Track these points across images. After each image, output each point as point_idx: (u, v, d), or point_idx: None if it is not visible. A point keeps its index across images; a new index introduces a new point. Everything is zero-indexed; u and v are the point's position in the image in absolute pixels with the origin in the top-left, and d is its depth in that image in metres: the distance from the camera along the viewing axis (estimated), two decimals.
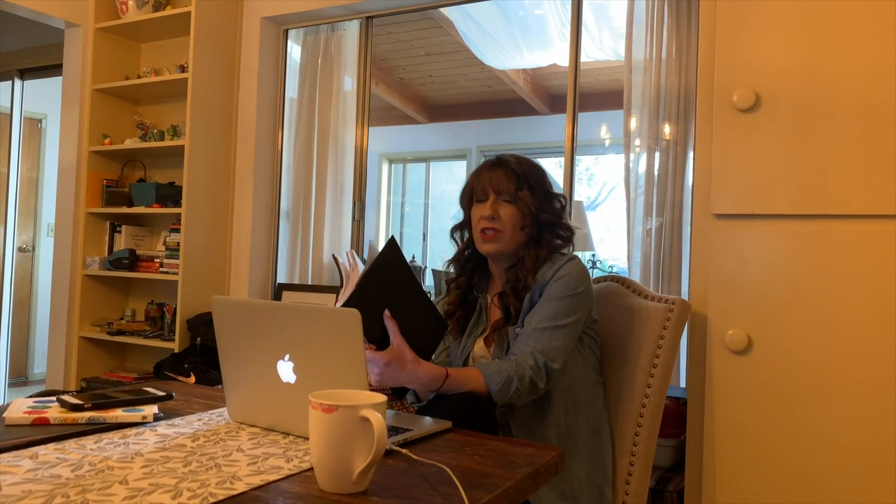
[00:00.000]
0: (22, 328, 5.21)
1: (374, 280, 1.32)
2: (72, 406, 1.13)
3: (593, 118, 4.45)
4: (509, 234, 1.55)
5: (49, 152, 5.29)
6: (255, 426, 1.14)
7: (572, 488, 1.46)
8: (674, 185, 2.51)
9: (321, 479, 0.85)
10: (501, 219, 1.54)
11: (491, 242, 1.55)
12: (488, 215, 1.54)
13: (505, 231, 1.54)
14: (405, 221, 6.63)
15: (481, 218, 1.55)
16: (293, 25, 3.36)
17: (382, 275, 1.33)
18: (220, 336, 1.17)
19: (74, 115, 3.38)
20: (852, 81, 1.65)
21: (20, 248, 5.14)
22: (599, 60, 3.88)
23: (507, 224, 1.54)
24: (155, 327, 3.34)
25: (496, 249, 1.55)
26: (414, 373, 1.31)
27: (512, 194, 1.55)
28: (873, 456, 1.60)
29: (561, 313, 1.46)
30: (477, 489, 0.87)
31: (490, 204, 1.55)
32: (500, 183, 1.56)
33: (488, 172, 1.58)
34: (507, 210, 1.55)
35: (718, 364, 1.78)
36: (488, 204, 1.55)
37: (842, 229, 1.66)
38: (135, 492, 0.81)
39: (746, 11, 1.77)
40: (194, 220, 3.14)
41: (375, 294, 1.30)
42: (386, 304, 1.31)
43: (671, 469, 2.20)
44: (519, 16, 4.25)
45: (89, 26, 3.36)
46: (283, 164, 3.39)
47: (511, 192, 1.55)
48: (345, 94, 3.30)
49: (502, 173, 1.57)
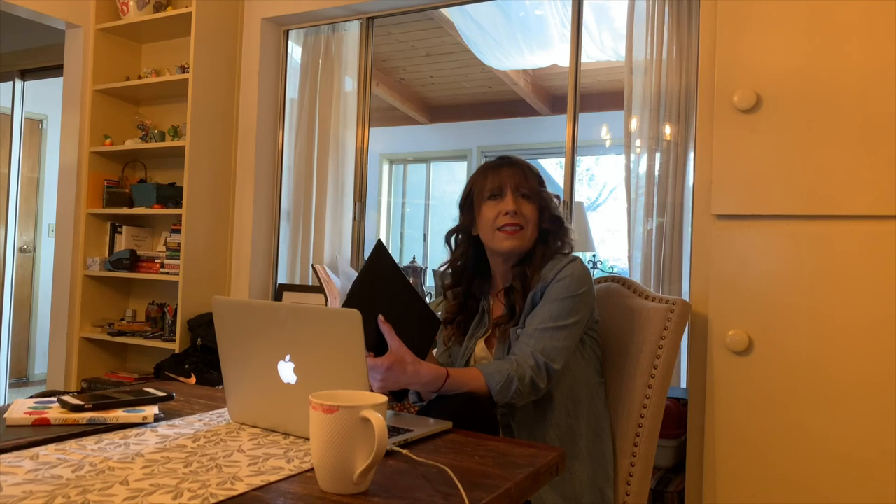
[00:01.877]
0: (23, 329, 5.21)
1: (363, 287, 1.33)
2: (72, 407, 1.13)
3: (594, 119, 4.45)
4: (531, 231, 1.54)
5: (50, 153, 5.30)
6: (256, 427, 1.14)
7: (573, 489, 1.46)
8: (674, 185, 2.51)
9: (322, 479, 0.85)
10: (524, 214, 1.53)
11: (513, 238, 1.52)
12: (512, 210, 1.52)
13: (527, 227, 1.53)
14: (406, 222, 6.63)
15: (501, 214, 1.53)
16: (294, 26, 3.37)
17: (371, 281, 1.34)
18: (220, 337, 1.17)
19: (75, 115, 3.38)
20: (853, 82, 1.65)
21: (21, 248, 5.14)
22: (600, 61, 3.88)
23: (529, 220, 1.53)
24: (155, 328, 3.34)
25: (519, 246, 1.53)
26: (415, 374, 1.31)
27: (534, 191, 1.54)
28: (873, 457, 1.60)
29: (562, 314, 1.45)
30: (477, 490, 0.87)
31: (511, 198, 1.53)
32: (517, 179, 1.54)
33: (507, 170, 1.56)
34: (527, 206, 1.54)
35: (719, 365, 1.78)
36: (509, 199, 1.53)
37: (843, 230, 1.66)
38: (135, 492, 0.81)
39: (747, 12, 1.77)
40: (195, 221, 3.14)
41: (366, 301, 1.30)
42: (378, 309, 1.32)
43: (672, 470, 2.20)
44: (519, 16, 4.25)
45: (90, 27, 3.36)
46: (283, 164, 3.39)
47: (533, 188, 1.54)
48: (345, 95, 3.30)
49: (518, 170, 1.56)
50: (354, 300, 1.30)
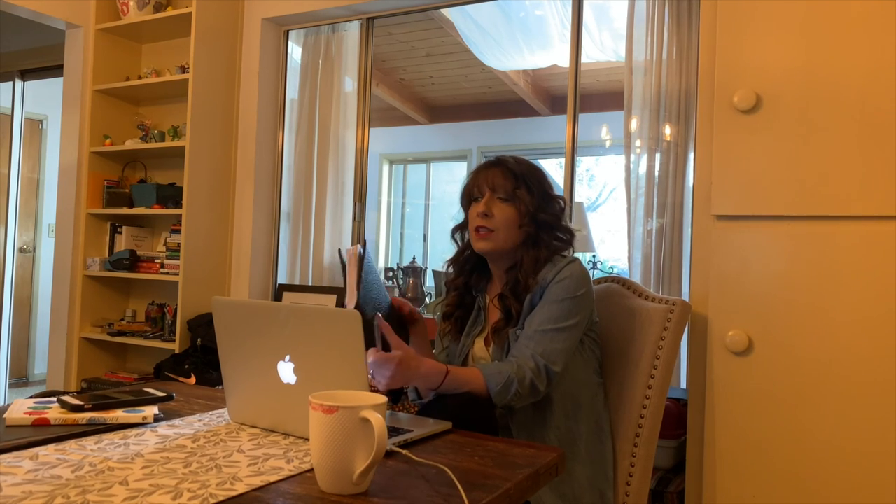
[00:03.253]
0: (22, 329, 5.21)
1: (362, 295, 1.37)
2: (72, 407, 1.13)
3: (594, 119, 4.45)
4: (503, 234, 1.53)
5: (50, 153, 5.30)
6: (256, 427, 1.14)
7: (573, 490, 1.46)
8: (674, 186, 2.51)
9: (321, 480, 0.85)
10: (495, 217, 1.53)
11: (483, 241, 1.54)
12: (482, 212, 1.53)
13: (499, 230, 1.53)
14: (405, 222, 6.63)
15: (475, 216, 1.55)
16: (294, 26, 3.37)
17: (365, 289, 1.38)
18: (220, 337, 1.17)
19: (75, 115, 3.38)
20: (853, 82, 1.65)
21: (21, 248, 5.14)
22: (600, 61, 3.88)
23: (500, 223, 1.53)
24: (155, 328, 3.34)
25: (489, 248, 1.54)
26: (418, 369, 1.33)
27: (509, 192, 1.54)
28: (874, 457, 1.60)
29: (562, 316, 1.45)
30: (477, 490, 0.87)
31: (484, 202, 1.53)
32: (495, 180, 1.54)
33: (485, 171, 1.57)
34: (503, 209, 1.53)
35: (719, 365, 1.78)
36: (483, 202, 1.54)
37: (843, 230, 1.66)
38: (135, 492, 0.81)
39: (747, 12, 1.77)
40: (195, 221, 3.14)
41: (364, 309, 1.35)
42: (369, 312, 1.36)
43: (671, 470, 2.20)
44: (519, 17, 4.25)
45: (90, 27, 3.36)
46: (283, 164, 3.39)
47: (508, 190, 1.54)
48: (345, 95, 3.30)
49: (498, 171, 1.56)
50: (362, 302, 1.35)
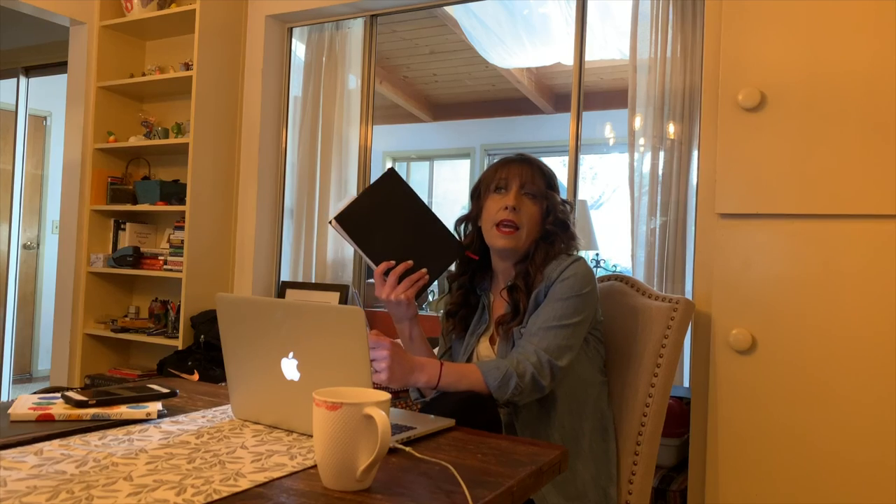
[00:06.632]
0: (26, 325, 5.22)
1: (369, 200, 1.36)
2: (76, 402, 1.13)
3: (597, 117, 4.44)
4: (526, 232, 1.51)
5: (54, 150, 5.31)
6: (259, 423, 1.14)
7: (576, 489, 1.46)
8: (678, 184, 2.51)
9: (325, 476, 0.86)
10: (522, 213, 1.50)
11: (507, 238, 1.50)
12: (511, 206, 1.49)
13: (524, 228, 1.51)
14: None
15: (501, 209, 1.50)
16: (298, 23, 3.37)
17: (378, 198, 1.37)
18: (223, 333, 1.17)
19: (79, 112, 3.38)
20: (858, 81, 1.64)
21: (25, 245, 5.15)
22: (604, 59, 3.87)
23: (526, 219, 1.51)
24: (159, 325, 3.35)
25: (512, 246, 1.51)
26: (411, 361, 1.34)
27: (541, 191, 1.52)
28: (876, 455, 1.60)
29: (567, 313, 1.44)
30: (480, 487, 0.87)
31: (513, 195, 1.50)
32: (526, 176, 1.52)
33: (516, 166, 1.54)
34: (530, 206, 1.52)
35: (722, 363, 1.78)
36: (511, 194, 1.50)
37: (847, 229, 1.65)
38: (139, 488, 0.81)
39: (752, 10, 1.76)
40: (198, 218, 3.15)
41: (373, 214, 1.34)
42: (387, 224, 1.35)
43: (674, 468, 2.20)
44: (523, 14, 4.25)
45: (94, 24, 3.37)
46: (287, 161, 3.40)
47: (541, 188, 1.52)
48: (349, 93, 3.30)
49: (529, 168, 1.54)
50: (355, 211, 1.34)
